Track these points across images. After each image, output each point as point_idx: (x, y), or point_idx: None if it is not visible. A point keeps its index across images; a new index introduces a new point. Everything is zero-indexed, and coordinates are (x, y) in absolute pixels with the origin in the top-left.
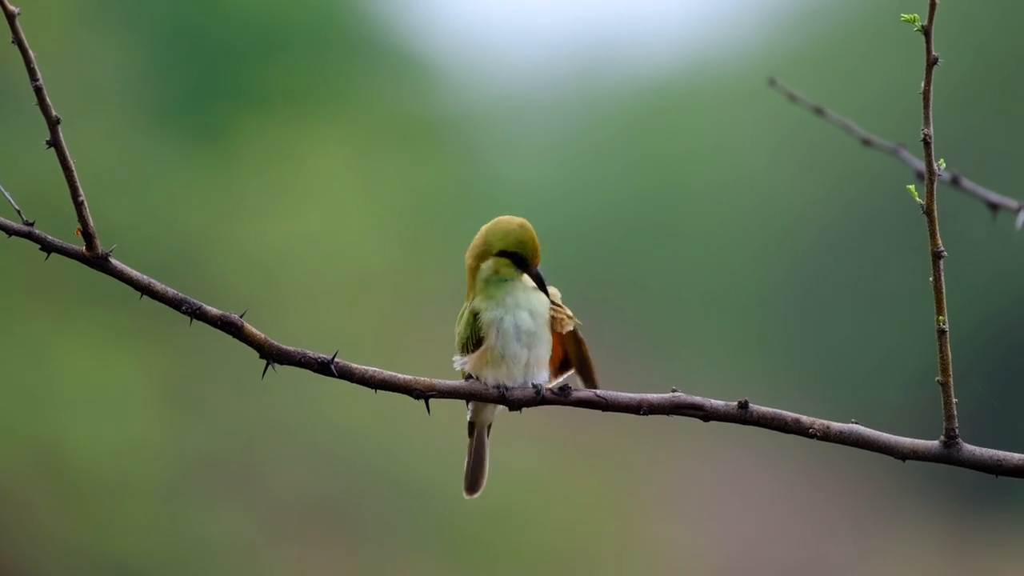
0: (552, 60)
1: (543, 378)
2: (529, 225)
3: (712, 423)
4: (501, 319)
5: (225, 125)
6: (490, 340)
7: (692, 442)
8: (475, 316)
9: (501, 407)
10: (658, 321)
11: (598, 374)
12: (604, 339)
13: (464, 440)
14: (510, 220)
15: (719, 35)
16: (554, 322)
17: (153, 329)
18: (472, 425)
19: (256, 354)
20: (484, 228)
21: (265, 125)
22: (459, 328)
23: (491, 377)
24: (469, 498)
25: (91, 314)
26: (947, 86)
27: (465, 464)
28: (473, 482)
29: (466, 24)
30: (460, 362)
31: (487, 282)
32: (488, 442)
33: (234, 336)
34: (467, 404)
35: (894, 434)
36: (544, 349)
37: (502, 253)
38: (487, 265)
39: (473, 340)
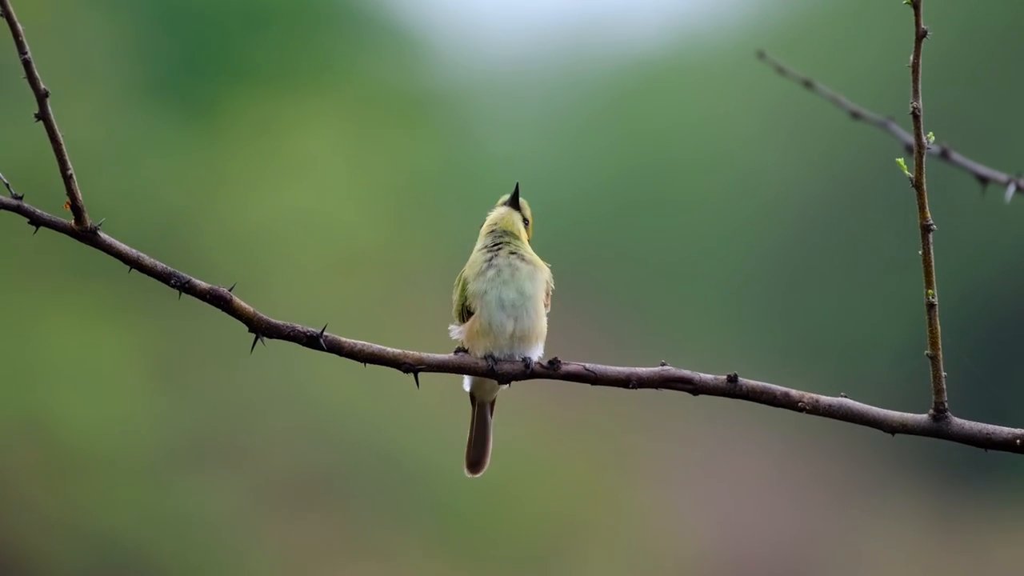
0: (540, 35)
1: (536, 353)
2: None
3: (701, 397)
4: (486, 291)
5: (213, 100)
6: (477, 311)
7: (681, 418)
8: (465, 285)
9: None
10: (646, 296)
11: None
12: (592, 314)
13: (457, 414)
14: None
15: (706, 9)
16: None
17: (141, 304)
18: (473, 397)
19: (245, 329)
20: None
21: (253, 100)
22: (454, 295)
23: (481, 347)
24: (471, 477)
25: (79, 288)
26: (936, 59)
27: (467, 440)
28: (475, 459)
29: (454, 0)
30: (456, 331)
31: (477, 249)
32: (491, 420)
33: (223, 310)
34: (464, 377)
35: (881, 408)
36: (531, 322)
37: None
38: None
39: (466, 309)
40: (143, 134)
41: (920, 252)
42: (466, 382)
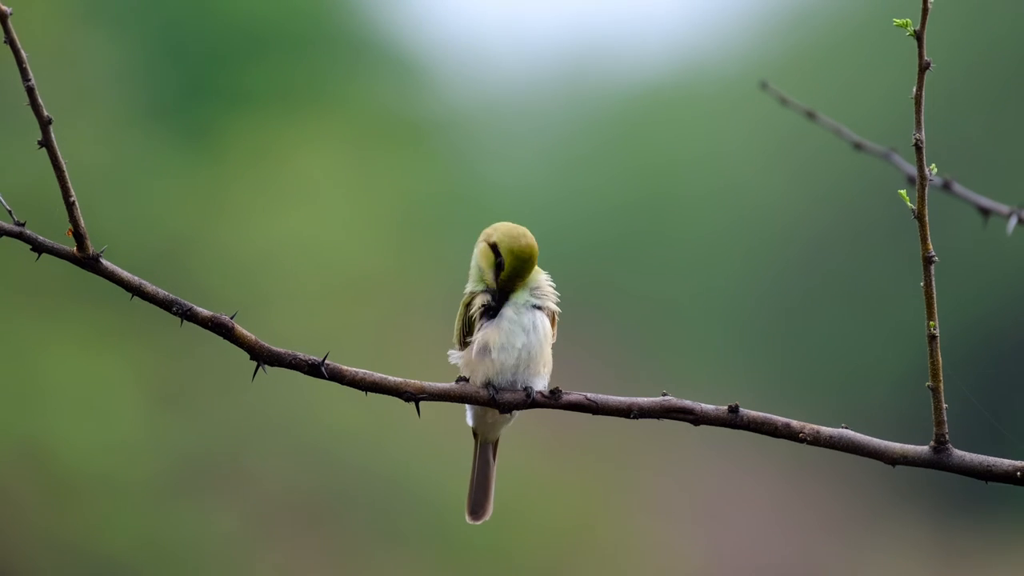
0: (542, 64)
1: (540, 384)
2: (527, 244)
3: (702, 428)
4: (491, 310)
5: (213, 125)
6: (479, 332)
7: (681, 447)
8: (467, 306)
9: (506, 421)
10: (648, 326)
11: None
12: (594, 344)
13: (458, 440)
14: (522, 231)
15: (710, 40)
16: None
17: (142, 329)
18: (476, 434)
19: (245, 355)
20: (505, 224)
21: (253, 126)
22: (457, 322)
23: (481, 374)
24: (472, 523)
25: (79, 313)
26: (938, 90)
27: (469, 484)
28: (475, 505)
29: (456, 26)
30: (455, 356)
31: (480, 270)
32: (494, 464)
33: (225, 337)
34: (467, 409)
35: (880, 439)
36: (537, 347)
37: (495, 247)
38: (481, 250)
39: (465, 330)
40: (143, 159)
41: (922, 284)
42: (469, 416)
